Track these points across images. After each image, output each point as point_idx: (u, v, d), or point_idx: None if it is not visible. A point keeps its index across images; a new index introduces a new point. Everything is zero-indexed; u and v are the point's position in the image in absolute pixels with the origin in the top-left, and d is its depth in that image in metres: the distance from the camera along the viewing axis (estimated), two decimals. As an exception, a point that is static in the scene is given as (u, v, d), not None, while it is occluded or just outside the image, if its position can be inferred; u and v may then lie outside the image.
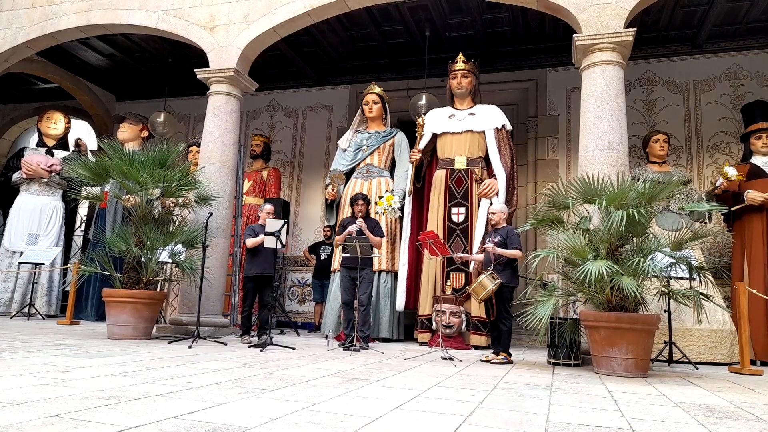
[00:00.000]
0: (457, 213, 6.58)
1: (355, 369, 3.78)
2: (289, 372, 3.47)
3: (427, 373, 3.79)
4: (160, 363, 3.60)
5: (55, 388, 2.51)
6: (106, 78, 10.06)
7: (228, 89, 6.66)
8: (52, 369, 3.07)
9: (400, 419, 2.20)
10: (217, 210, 6.10)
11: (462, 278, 6.35)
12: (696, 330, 5.39)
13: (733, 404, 2.99)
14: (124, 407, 2.16)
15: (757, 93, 7.35)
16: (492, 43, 8.12)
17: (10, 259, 8.23)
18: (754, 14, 7.08)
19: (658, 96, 7.94)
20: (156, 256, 5.66)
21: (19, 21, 7.45)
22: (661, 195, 4.47)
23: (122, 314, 5.30)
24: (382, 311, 6.71)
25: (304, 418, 2.12)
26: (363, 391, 2.84)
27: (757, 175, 6.01)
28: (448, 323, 5.96)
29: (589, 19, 5.42)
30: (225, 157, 6.56)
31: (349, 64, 9.05)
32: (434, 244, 5.16)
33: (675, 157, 7.60)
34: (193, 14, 6.86)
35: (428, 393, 2.89)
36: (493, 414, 2.40)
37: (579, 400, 2.89)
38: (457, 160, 6.70)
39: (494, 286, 4.72)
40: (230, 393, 2.60)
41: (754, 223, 5.91)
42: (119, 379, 2.86)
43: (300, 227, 9.29)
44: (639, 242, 4.47)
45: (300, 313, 8.98)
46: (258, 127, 9.74)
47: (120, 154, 5.80)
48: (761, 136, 6.15)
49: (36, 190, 8.61)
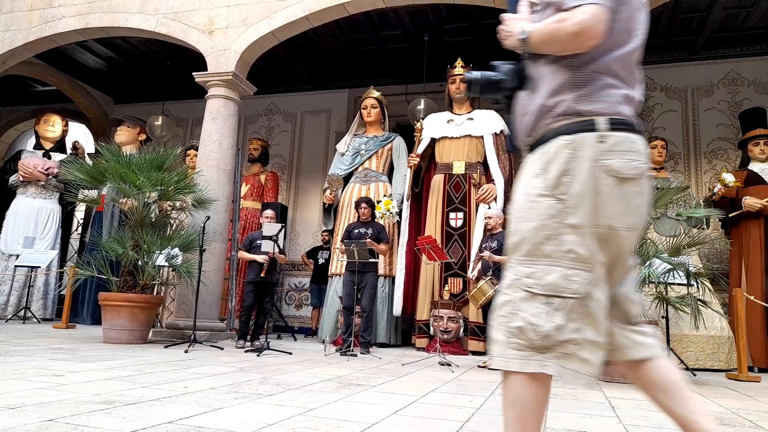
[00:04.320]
0: (455, 218, 6.57)
1: (352, 374, 3.77)
2: (286, 377, 3.46)
3: (425, 378, 3.77)
4: (156, 367, 3.58)
5: (50, 392, 2.49)
6: (104, 81, 10.05)
7: (226, 93, 6.66)
8: (47, 373, 3.05)
9: (398, 425, 2.18)
10: (214, 214, 6.08)
11: (460, 283, 6.34)
12: (694, 336, 5.38)
13: (730, 411, 2.98)
14: (120, 412, 2.14)
15: (755, 100, 7.38)
16: (490, 48, 8.14)
17: (6, 263, 8.20)
18: (751, 21, 7.11)
19: (656, 102, 7.96)
20: (153, 259, 5.64)
21: (18, 23, 7.44)
22: (659, 202, 4.48)
23: (118, 318, 5.28)
24: (380, 316, 6.69)
25: (300, 424, 2.10)
26: (360, 396, 2.82)
27: (755, 182, 6.02)
28: (445, 328, 5.95)
29: (588, 25, 5.43)
30: (223, 160, 6.55)
31: (348, 68, 9.06)
32: (432, 249, 5.15)
33: (673, 163, 7.61)
34: (192, 18, 6.86)
35: (426, 398, 2.87)
36: (490, 420, 2.39)
37: (576, 406, 2.88)
38: (455, 165, 6.71)
39: (493, 292, 4.72)
40: (226, 398, 2.58)
41: (751, 230, 5.92)
42: (115, 383, 2.84)
43: (298, 231, 9.27)
44: (636, 248, 4.47)
45: (297, 317, 8.95)
46: (256, 131, 9.74)
47: (117, 157, 5.79)
48: (759, 142, 6.17)
49: (33, 193, 8.58)
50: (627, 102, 1.34)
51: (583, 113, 1.30)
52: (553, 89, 1.33)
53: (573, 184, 1.27)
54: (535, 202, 1.30)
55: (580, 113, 1.30)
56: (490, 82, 1.45)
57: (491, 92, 1.47)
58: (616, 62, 1.33)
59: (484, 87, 1.46)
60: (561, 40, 1.27)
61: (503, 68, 1.45)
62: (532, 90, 1.38)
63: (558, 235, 1.27)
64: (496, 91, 1.46)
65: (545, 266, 1.27)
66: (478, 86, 1.46)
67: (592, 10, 1.23)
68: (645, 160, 1.33)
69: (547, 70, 1.34)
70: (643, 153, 1.33)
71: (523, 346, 1.26)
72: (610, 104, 1.30)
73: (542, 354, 1.25)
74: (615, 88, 1.32)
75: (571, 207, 1.26)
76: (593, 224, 1.27)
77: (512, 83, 1.43)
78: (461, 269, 6.38)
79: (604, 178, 1.27)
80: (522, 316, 1.26)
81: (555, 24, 1.27)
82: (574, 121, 1.30)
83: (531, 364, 1.26)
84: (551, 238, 1.27)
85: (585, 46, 1.26)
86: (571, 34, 1.24)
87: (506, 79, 1.44)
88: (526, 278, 1.28)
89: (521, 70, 1.43)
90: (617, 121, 1.30)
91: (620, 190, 1.28)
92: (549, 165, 1.30)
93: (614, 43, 1.31)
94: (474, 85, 1.46)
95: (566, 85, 1.31)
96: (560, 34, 1.26)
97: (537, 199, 1.30)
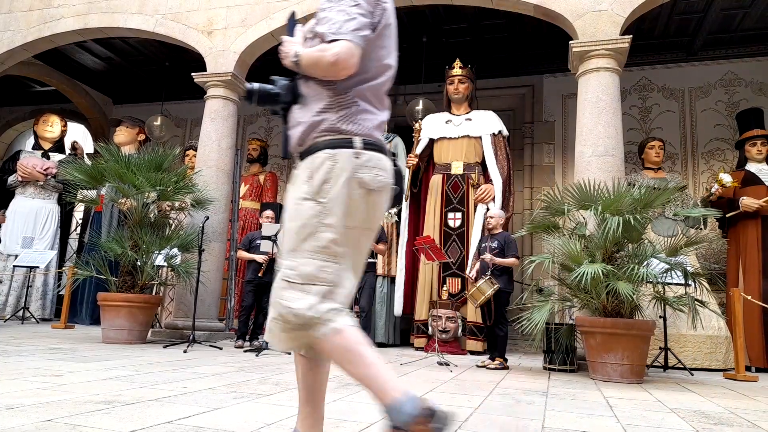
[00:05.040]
0: (454, 218, 6.59)
1: (350, 374, 3.77)
2: (285, 377, 3.46)
3: (423, 378, 3.78)
4: (155, 367, 3.58)
5: (48, 392, 2.49)
6: (103, 81, 10.04)
7: (225, 93, 6.66)
8: (45, 373, 3.05)
9: (396, 425, 2.19)
10: (213, 214, 6.09)
11: (458, 283, 6.35)
12: (691, 336, 5.40)
13: (728, 410, 2.99)
14: (119, 412, 2.15)
15: (752, 100, 7.40)
16: (489, 49, 8.16)
17: (5, 263, 8.19)
18: (748, 23, 7.13)
19: (653, 103, 7.98)
20: (152, 259, 5.64)
21: (17, 24, 7.44)
22: (656, 202, 4.49)
23: (117, 318, 5.28)
24: (379, 316, 6.70)
25: (299, 424, 2.11)
26: (358, 396, 2.83)
27: (752, 182, 6.03)
28: (444, 328, 5.96)
29: (586, 26, 5.45)
30: (222, 161, 6.56)
31: (347, 69, 9.06)
32: (431, 249, 5.16)
33: (670, 164, 7.63)
34: (191, 18, 6.86)
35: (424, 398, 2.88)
36: (489, 419, 2.40)
37: (575, 406, 2.89)
38: (453, 166, 6.72)
39: (492, 291, 4.74)
40: (225, 398, 2.59)
41: (748, 230, 5.93)
42: (113, 383, 2.85)
43: (296, 232, 9.27)
44: (634, 248, 4.48)
45: (296, 317, 8.94)
46: (255, 131, 9.74)
47: (116, 158, 5.79)
48: (756, 143, 6.18)
49: (31, 193, 8.57)
50: (378, 127, 1.61)
51: (343, 131, 1.54)
52: (320, 108, 1.55)
53: (332, 190, 1.50)
54: (300, 204, 1.52)
55: (341, 131, 1.54)
56: (268, 95, 1.62)
57: (269, 104, 1.64)
58: (370, 92, 1.59)
59: (261, 98, 1.62)
60: (321, 66, 1.50)
61: (280, 83, 1.62)
62: (304, 105, 1.59)
63: (317, 233, 1.49)
64: (273, 103, 1.63)
65: (305, 260, 1.49)
66: (256, 97, 1.62)
67: (345, 45, 1.48)
68: (389, 176, 1.59)
69: (316, 90, 1.57)
70: (388, 170, 1.59)
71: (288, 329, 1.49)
72: (365, 127, 1.56)
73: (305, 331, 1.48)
74: (370, 113, 1.58)
75: (329, 209, 1.49)
76: (345, 225, 1.50)
77: (287, 98, 1.62)
78: (459, 269, 6.39)
79: (357, 188, 1.51)
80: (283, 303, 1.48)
81: (318, 52, 1.51)
82: (336, 138, 1.53)
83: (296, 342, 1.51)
84: (311, 235, 1.49)
85: (340, 75, 1.51)
86: (329, 63, 1.48)
87: (282, 94, 1.61)
88: (289, 270, 1.50)
89: (296, 86, 1.61)
90: (369, 142, 1.55)
91: (367, 198, 1.53)
92: (314, 173, 1.52)
93: (369, 77, 1.58)
94: (253, 95, 1.62)
95: (331, 105, 1.54)
96: (321, 62, 1.49)
97: (302, 202, 1.52)
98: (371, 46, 1.57)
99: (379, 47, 1.60)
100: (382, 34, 1.62)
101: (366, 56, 1.55)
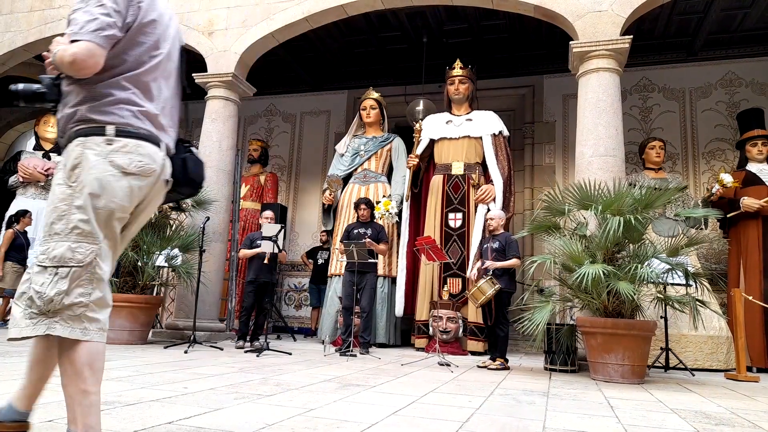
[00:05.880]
0: (454, 218, 6.59)
1: (351, 374, 3.77)
2: (286, 377, 3.46)
3: (424, 378, 3.78)
4: (156, 368, 3.59)
5: (49, 393, 2.49)
6: (104, 82, 10.05)
7: (226, 94, 6.67)
8: (46, 374, 3.05)
9: (397, 425, 2.19)
10: (214, 214, 6.09)
11: (459, 284, 6.35)
12: (692, 336, 5.39)
13: (729, 411, 2.99)
14: (119, 412, 2.15)
15: (752, 100, 7.40)
16: (489, 49, 8.16)
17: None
18: (748, 23, 7.13)
19: (654, 103, 7.98)
20: (152, 260, 5.64)
21: (18, 24, 7.45)
22: (657, 202, 4.49)
23: (118, 319, 5.28)
24: (379, 316, 6.70)
25: (300, 424, 2.11)
26: (359, 396, 2.83)
27: (753, 182, 6.03)
28: (445, 329, 5.96)
29: (586, 27, 5.45)
30: (222, 161, 6.56)
31: (347, 69, 9.07)
32: (431, 250, 5.16)
33: (671, 164, 7.63)
34: (192, 19, 6.87)
35: (425, 399, 2.88)
36: (489, 420, 2.40)
37: (576, 407, 2.88)
38: (454, 166, 6.72)
39: (493, 291, 4.73)
40: (226, 398, 2.59)
41: (749, 230, 5.93)
42: (114, 384, 2.85)
43: (297, 232, 9.28)
44: (635, 248, 4.48)
45: (297, 318, 8.95)
46: (256, 132, 9.75)
47: (117, 158, 5.79)
48: (757, 143, 6.18)
49: (33, 194, 8.57)
50: (142, 116, 1.66)
51: (95, 121, 1.60)
52: (76, 101, 1.62)
53: (82, 174, 1.55)
54: (53, 189, 1.59)
55: (93, 120, 1.60)
56: (34, 94, 1.66)
57: (37, 102, 1.68)
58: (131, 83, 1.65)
59: (27, 98, 1.66)
60: (64, 66, 1.56)
61: (45, 81, 1.66)
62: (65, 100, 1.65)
63: (67, 215, 1.54)
64: (41, 102, 1.68)
65: (55, 242, 1.52)
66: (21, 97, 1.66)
67: (83, 45, 1.53)
68: (150, 162, 1.64)
69: (72, 86, 1.63)
70: (150, 156, 1.64)
71: (34, 314, 1.51)
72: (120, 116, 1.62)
73: (50, 318, 1.50)
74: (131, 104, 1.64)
75: (78, 192, 1.54)
76: (96, 206, 1.55)
77: (52, 95, 1.66)
78: (460, 269, 6.39)
79: (111, 171, 1.57)
80: (32, 287, 1.50)
81: (61, 52, 1.56)
82: (88, 126, 1.60)
83: (39, 327, 1.51)
84: (61, 218, 1.54)
85: (81, 73, 1.56)
86: (67, 62, 1.54)
87: (47, 92, 1.66)
88: (41, 255, 1.53)
89: (59, 84, 1.66)
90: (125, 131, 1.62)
91: (123, 181, 1.59)
92: (68, 160, 1.59)
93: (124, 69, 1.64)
94: (18, 96, 1.66)
95: (85, 98, 1.61)
96: (63, 61, 1.55)
97: (56, 188, 1.58)
98: (127, 42, 1.64)
99: (137, 43, 1.66)
100: (142, 31, 1.68)
101: (120, 52, 1.63)
